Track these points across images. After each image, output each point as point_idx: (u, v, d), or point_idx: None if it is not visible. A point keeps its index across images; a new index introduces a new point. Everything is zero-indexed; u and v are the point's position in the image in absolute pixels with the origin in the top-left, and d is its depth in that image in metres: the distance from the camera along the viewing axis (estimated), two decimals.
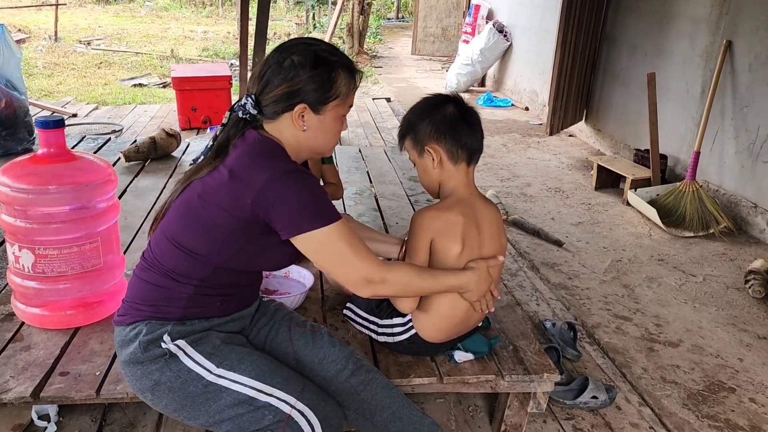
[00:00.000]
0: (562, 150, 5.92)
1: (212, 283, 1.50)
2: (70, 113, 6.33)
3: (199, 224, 1.44)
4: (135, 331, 1.48)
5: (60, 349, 1.84)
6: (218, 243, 1.44)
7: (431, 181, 1.78)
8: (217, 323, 1.54)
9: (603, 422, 2.19)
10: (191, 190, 1.47)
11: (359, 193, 3.56)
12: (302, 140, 1.50)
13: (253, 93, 1.49)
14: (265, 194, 1.37)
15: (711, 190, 4.27)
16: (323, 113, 1.49)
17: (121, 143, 4.26)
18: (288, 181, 1.38)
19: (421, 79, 9.93)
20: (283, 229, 1.40)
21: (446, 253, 1.69)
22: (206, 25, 15.69)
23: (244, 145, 1.45)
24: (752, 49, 3.97)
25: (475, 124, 1.72)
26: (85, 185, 1.83)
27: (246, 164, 1.41)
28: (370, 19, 13.14)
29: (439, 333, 1.80)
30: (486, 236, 1.75)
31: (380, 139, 5.91)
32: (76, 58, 9.99)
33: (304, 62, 1.45)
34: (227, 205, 1.40)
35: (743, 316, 3.00)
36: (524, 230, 3.87)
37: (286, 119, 1.47)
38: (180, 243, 1.46)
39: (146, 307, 1.50)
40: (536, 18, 7.38)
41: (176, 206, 1.50)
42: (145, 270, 1.53)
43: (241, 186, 1.39)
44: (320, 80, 1.45)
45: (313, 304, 2.18)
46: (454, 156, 1.70)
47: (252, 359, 1.50)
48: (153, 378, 1.46)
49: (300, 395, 1.47)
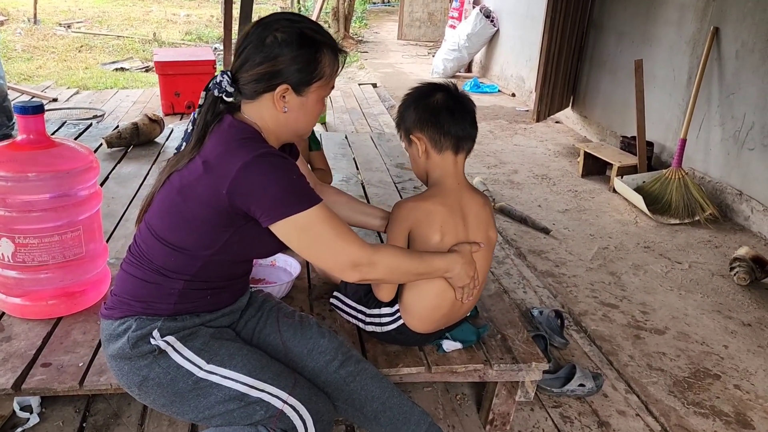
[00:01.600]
0: (549, 137, 5.92)
1: (203, 277, 1.46)
2: (50, 98, 6.22)
3: (183, 220, 1.40)
4: (124, 326, 1.45)
5: (42, 340, 1.80)
6: (204, 237, 1.41)
7: (419, 170, 1.77)
8: (208, 319, 1.52)
9: (590, 410, 2.19)
10: (171, 184, 1.42)
11: (346, 180, 3.53)
12: (282, 122, 1.44)
13: (229, 69, 1.43)
14: (239, 182, 1.32)
15: (697, 177, 4.29)
16: (306, 95, 1.42)
17: (103, 129, 4.19)
18: (261, 166, 1.33)
19: (408, 64, 9.87)
20: (263, 216, 1.35)
21: (426, 242, 1.68)
22: (189, 8, 15.46)
23: (218, 132, 1.40)
24: (739, 36, 3.98)
25: (460, 112, 1.68)
26: (66, 172, 1.79)
27: (218, 153, 1.36)
28: (356, 3, 13.02)
29: (426, 323, 1.79)
30: (472, 227, 1.73)
31: (366, 125, 5.86)
32: (56, 42, 9.80)
33: (289, 40, 1.37)
34: (206, 198, 1.36)
35: (728, 303, 3.03)
36: (511, 217, 3.87)
37: (266, 99, 1.41)
38: (167, 240, 1.43)
39: (136, 302, 1.46)
40: (522, 3, 7.35)
41: (159, 201, 1.45)
42: (133, 265, 1.49)
43: (215, 177, 1.34)
44: (304, 60, 1.39)
45: (299, 293, 2.15)
46: (438, 144, 1.68)
47: (243, 354, 1.48)
48: (141, 374, 1.44)
49: (292, 390, 1.45)
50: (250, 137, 1.39)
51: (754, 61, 3.86)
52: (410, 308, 1.77)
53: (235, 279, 1.56)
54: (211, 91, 1.43)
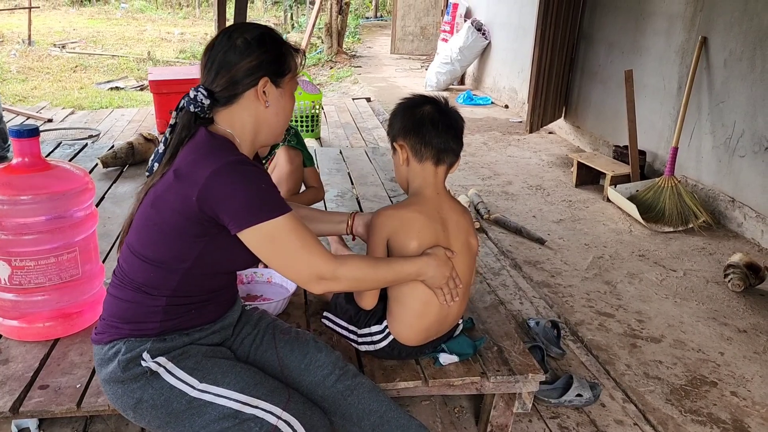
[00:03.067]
0: (543, 147, 5.96)
1: (184, 292, 1.47)
2: (45, 118, 6.24)
3: (157, 232, 1.42)
4: (113, 350, 1.46)
5: (39, 362, 1.80)
6: (179, 248, 1.42)
7: (401, 178, 1.81)
8: (197, 336, 1.52)
9: (588, 420, 2.20)
10: (145, 201, 1.45)
11: (341, 195, 3.55)
12: (262, 119, 1.49)
13: (202, 84, 1.47)
14: (208, 189, 1.34)
15: (689, 185, 4.32)
16: (283, 86, 1.50)
17: (98, 149, 4.21)
18: (231, 173, 1.35)
19: (401, 78, 9.93)
20: (231, 223, 1.36)
21: (403, 250, 1.70)
22: (183, 26, 15.56)
23: (191, 143, 1.43)
24: (727, 45, 4.03)
25: (444, 126, 1.70)
26: (62, 194, 1.80)
27: (189, 161, 1.39)
28: (349, 18, 13.11)
29: (416, 334, 1.80)
30: (452, 234, 1.75)
31: (361, 140, 5.89)
32: (50, 62, 9.85)
33: (258, 39, 1.46)
34: (177, 206, 1.38)
35: (723, 310, 3.04)
36: (506, 228, 3.89)
37: (246, 98, 1.46)
38: (144, 255, 1.44)
39: (123, 324, 1.47)
40: (514, 16, 7.42)
41: (136, 219, 1.47)
42: (117, 287, 1.50)
43: (185, 184, 1.36)
44: (275, 54, 1.48)
45: (296, 309, 2.16)
46: (419, 154, 1.71)
47: (236, 371, 1.49)
48: (135, 396, 1.44)
49: (286, 405, 1.45)
50: (221, 146, 1.42)
51: (742, 69, 3.91)
52: (398, 319, 1.79)
53: (218, 292, 1.56)
54: (185, 109, 1.45)
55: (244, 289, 2.19)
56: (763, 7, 3.72)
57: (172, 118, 1.48)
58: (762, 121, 3.75)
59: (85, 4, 19.07)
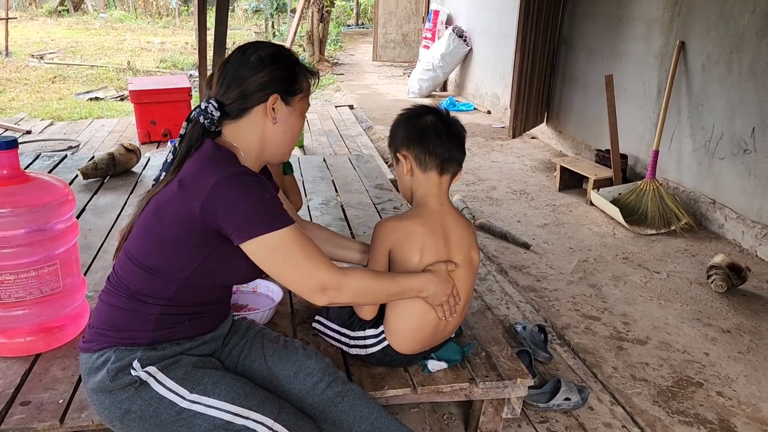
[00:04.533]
0: (526, 152, 5.99)
1: (179, 302, 1.46)
2: (23, 130, 6.16)
3: (157, 240, 1.41)
4: (103, 359, 1.43)
5: (20, 378, 1.77)
6: (178, 257, 1.41)
7: (405, 189, 1.79)
8: (188, 347, 1.51)
9: (576, 423, 2.20)
10: (148, 208, 1.45)
11: (325, 203, 3.53)
12: (269, 136, 1.49)
13: (213, 96, 1.48)
14: (212, 199, 1.34)
15: (671, 187, 4.37)
16: (293, 104, 1.50)
17: (78, 160, 4.15)
18: (235, 184, 1.36)
19: (384, 85, 9.95)
20: (234, 234, 1.36)
21: (405, 262, 1.69)
22: (163, 35, 15.47)
23: (196, 154, 1.44)
24: (704, 49, 4.08)
25: (448, 135, 1.70)
26: (41, 207, 1.77)
27: (194, 172, 1.39)
28: (330, 26, 13.13)
29: (411, 345, 1.79)
30: (454, 248, 1.74)
31: (344, 147, 5.88)
32: (28, 73, 9.74)
33: (272, 56, 1.47)
34: (180, 216, 1.38)
35: (707, 311, 3.07)
36: (491, 234, 3.90)
37: (255, 113, 1.46)
38: (142, 262, 1.43)
39: (114, 332, 1.45)
40: (494, 22, 7.48)
41: (136, 226, 1.47)
42: (110, 294, 1.48)
43: (189, 194, 1.36)
44: (288, 72, 1.49)
45: (282, 318, 2.14)
46: (423, 163, 1.70)
47: (226, 382, 1.47)
48: (123, 407, 1.42)
49: (277, 416, 1.44)
50: (226, 158, 1.43)
51: (719, 73, 3.96)
52: (395, 329, 1.77)
53: (213, 305, 1.55)
54: (194, 119, 1.47)
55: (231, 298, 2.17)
56: (739, 12, 3.78)
57: (183, 128, 1.49)
58: (740, 124, 3.81)
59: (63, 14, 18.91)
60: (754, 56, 3.68)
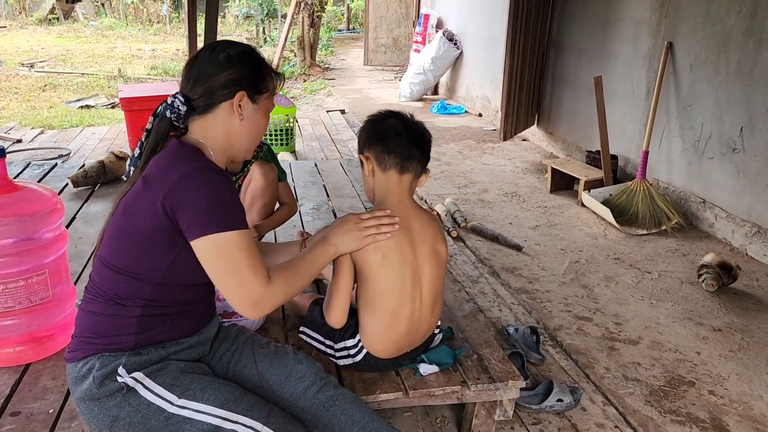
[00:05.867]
0: (517, 154, 6.01)
1: (158, 302, 1.46)
2: (14, 139, 6.13)
3: (128, 241, 1.42)
4: (87, 366, 1.43)
5: (10, 388, 1.76)
6: (150, 256, 1.42)
7: (368, 189, 1.82)
8: (174, 350, 1.50)
9: (569, 424, 2.21)
10: (117, 211, 1.46)
11: (317, 207, 3.53)
12: (235, 132, 1.51)
13: (180, 91, 1.50)
14: (173, 192, 1.35)
15: (661, 187, 4.39)
16: (259, 102, 1.53)
17: (69, 168, 4.14)
18: (197, 178, 1.37)
19: (375, 89, 9.96)
20: (188, 230, 1.36)
21: (367, 264, 1.69)
22: (154, 42, 15.44)
23: (162, 152, 1.46)
24: (692, 49, 4.11)
25: (408, 135, 1.71)
26: (29, 216, 1.77)
27: (159, 167, 1.41)
28: (321, 31, 13.13)
29: (386, 346, 1.79)
30: (419, 242, 1.75)
31: (336, 152, 5.89)
32: (18, 82, 9.69)
33: (241, 55, 1.51)
34: (146, 212, 1.39)
35: (698, 310, 3.08)
36: (483, 236, 3.90)
37: (222, 110, 1.49)
38: (116, 266, 1.44)
39: (97, 339, 1.45)
40: (484, 26, 7.50)
41: (108, 230, 1.48)
42: (89, 301, 1.48)
43: (153, 189, 1.38)
44: (255, 71, 1.53)
45: (274, 324, 2.14)
46: (382, 162, 1.72)
47: (215, 387, 1.47)
48: (111, 414, 1.42)
49: (266, 420, 1.44)
50: (191, 153, 1.45)
51: (707, 73, 3.99)
52: (367, 331, 1.78)
53: (193, 304, 1.55)
54: (161, 114, 1.48)
55: (221, 305, 2.16)
56: (726, 12, 3.81)
57: (149, 123, 1.50)
58: (728, 123, 3.83)
59: (53, 22, 18.85)
60: (741, 56, 3.71)
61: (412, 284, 1.74)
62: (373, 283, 1.71)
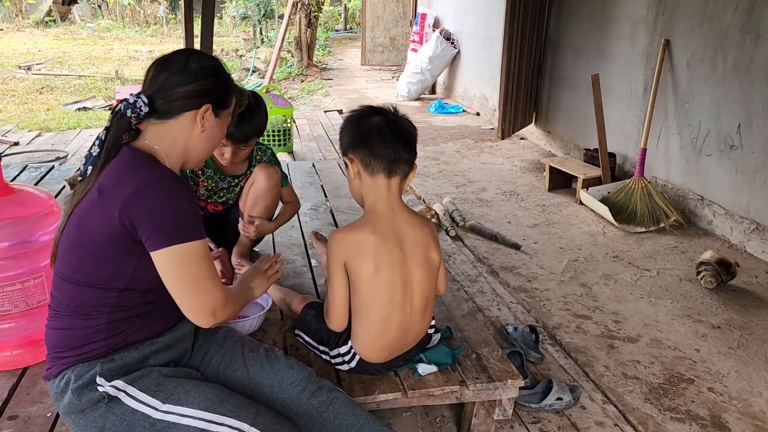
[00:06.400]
0: (515, 153, 6.01)
1: (124, 306, 1.45)
2: (11, 142, 6.12)
3: (87, 254, 1.40)
4: (64, 381, 1.42)
5: (7, 392, 1.76)
6: (110, 267, 1.40)
7: (355, 193, 1.77)
8: (149, 351, 1.48)
9: (569, 423, 2.20)
10: (70, 223, 1.43)
11: (315, 208, 3.53)
12: (194, 141, 1.50)
13: (144, 91, 1.47)
14: (130, 204, 1.34)
15: (659, 185, 4.39)
16: (221, 118, 1.55)
17: (66, 170, 4.14)
18: (156, 187, 1.36)
19: (373, 89, 9.96)
20: (148, 241, 1.36)
21: (359, 273, 1.68)
22: (151, 44, 15.44)
23: (115, 161, 1.43)
24: (689, 47, 4.11)
25: (393, 135, 1.66)
26: (26, 219, 1.76)
27: (113, 178, 1.39)
28: (318, 31, 13.13)
29: (376, 352, 1.78)
30: (410, 252, 1.72)
31: (334, 152, 5.88)
32: (15, 84, 9.69)
33: (212, 69, 1.52)
34: (101, 224, 1.36)
35: (697, 307, 3.08)
36: (482, 235, 3.90)
37: (185, 118, 1.48)
38: (75, 278, 1.41)
39: (68, 352, 1.44)
40: (481, 25, 7.50)
41: (62, 245, 1.45)
42: (54, 318, 1.46)
43: (109, 200, 1.36)
44: (224, 87, 1.54)
45: (272, 325, 2.14)
46: (369, 166, 1.67)
47: (200, 390, 1.46)
48: (97, 425, 1.41)
49: (253, 421, 1.43)
50: (146, 160, 1.43)
51: (704, 70, 3.99)
52: (358, 338, 1.78)
53: (161, 301, 1.48)
54: (121, 113, 1.44)
55: None
56: (722, 9, 3.81)
57: (108, 120, 1.46)
58: (726, 121, 3.83)
59: (50, 25, 18.83)
60: (738, 53, 3.71)
61: (403, 293, 1.72)
62: (363, 292, 1.69)
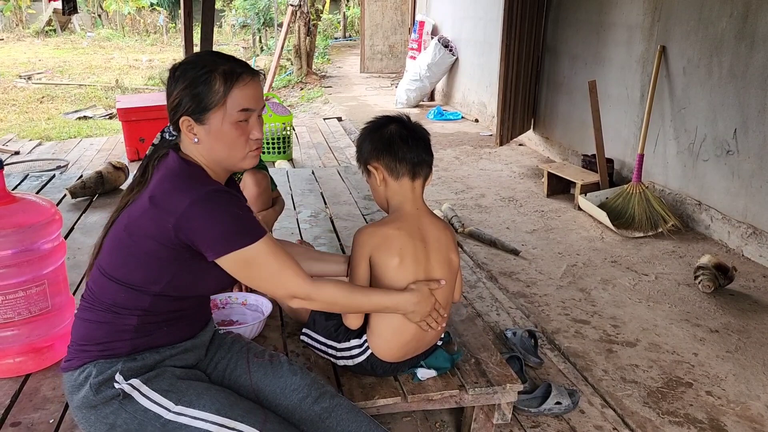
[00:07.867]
0: (513, 159, 6.03)
1: (155, 311, 1.48)
2: (12, 151, 6.15)
3: (130, 255, 1.43)
4: (84, 374, 1.44)
5: (10, 399, 1.77)
6: (152, 271, 1.43)
7: (380, 199, 1.83)
8: (168, 354, 1.51)
9: (568, 427, 2.21)
10: (118, 223, 1.47)
11: (314, 215, 3.55)
12: (204, 153, 1.49)
13: None
14: (186, 219, 1.37)
15: (657, 190, 4.41)
16: (207, 122, 1.44)
17: (67, 179, 4.16)
18: (208, 203, 1.39)
19: (372, 96, 10.00)
20: (208, 251, 1.40)
21: (384, 266, 1.72)
22: (151, 53, 15.50)
23: (164, 168, 1.46)
24: (685, 53, 4.14)
25: (413, 140, 1.75)
26: (28, 227, 1.78)
27: (165, 189, 1.42)
28: (318, 39, 13.20)
29: (394, 351, 1.80)
30: (433, 251, 1.77)
31: (333, 159, 5.91)
32: (16, 94, 9.73)
33: (180, 74, 1.45)
34: (152, 232, 1.40)
35: (695, 312, 3.09)
36: (481, 241, 3.92)
37: (183, 134, 1.49)
38: (115, 277, 1.45)
39: (93, 346, 1.46)
40: (479, 32, 7.54)
41: (107, 241, 1.49)
42: (86, 309, 1.50)
43: (162, 212, 1.39)
44: (193, 92, 1.42)
45: (272, 331, 2.15)
46: (394, 171, 1.74)
47: (211, 393, 1.48)
48: (108, 422, 1.42)
49: (262, 426, 1.45)
50: (195, 175, 1.45)
51: (700, 76, 4.02)
52: (376, 333, 1.79)
53: (189, 311, 1.56)
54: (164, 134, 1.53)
55: (220, 314, 2.18)
56: (717, 16, 3.84)
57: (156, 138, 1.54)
58: (722, 126, 3.86)
59: (50, 34, 18.91)
60: (733, 59, 3.74)
61: None
62: (387, 284, 1.73)
